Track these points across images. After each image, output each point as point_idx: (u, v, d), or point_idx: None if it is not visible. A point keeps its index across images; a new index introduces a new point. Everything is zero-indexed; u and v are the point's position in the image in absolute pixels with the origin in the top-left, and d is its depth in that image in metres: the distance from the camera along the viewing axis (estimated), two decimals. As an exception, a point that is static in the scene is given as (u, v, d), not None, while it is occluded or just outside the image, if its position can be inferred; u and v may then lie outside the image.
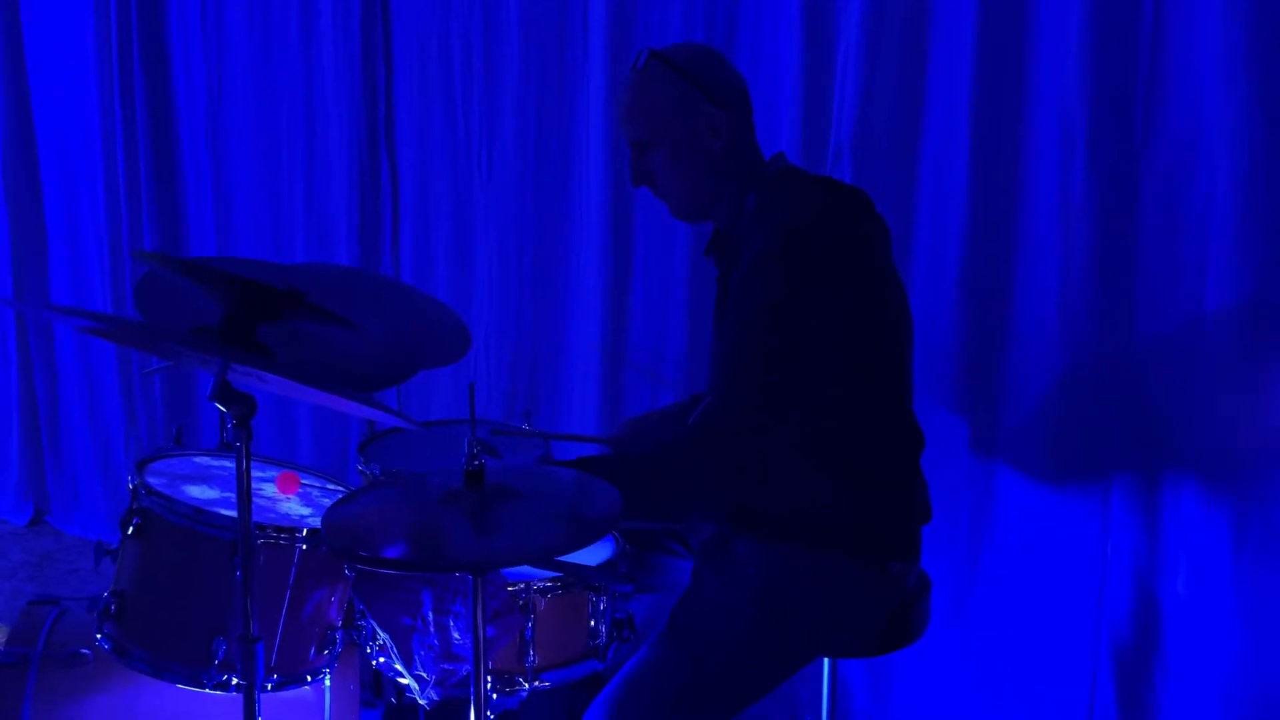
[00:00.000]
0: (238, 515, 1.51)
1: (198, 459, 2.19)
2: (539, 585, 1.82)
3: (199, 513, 1.82)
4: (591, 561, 1.89)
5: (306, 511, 2.03)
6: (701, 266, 2.56)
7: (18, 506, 4.11)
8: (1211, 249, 2.12)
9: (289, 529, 1.85)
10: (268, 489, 2.08)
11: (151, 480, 1.94)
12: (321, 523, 1.52)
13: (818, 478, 1.80)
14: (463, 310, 2.27)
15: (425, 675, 1.71)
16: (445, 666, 1.70)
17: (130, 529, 1.85)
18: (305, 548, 1.85)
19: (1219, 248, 2.10)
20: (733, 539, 1.86)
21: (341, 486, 2.17)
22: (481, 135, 3.08)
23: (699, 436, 1.71)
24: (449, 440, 2.29)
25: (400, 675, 1.76)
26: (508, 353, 3.11)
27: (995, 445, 2.40)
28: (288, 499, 2.06)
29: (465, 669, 1.69)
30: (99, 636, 1.86)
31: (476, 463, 1.51)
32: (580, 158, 2.92)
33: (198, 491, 1.98)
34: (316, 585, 1.87)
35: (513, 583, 1.78)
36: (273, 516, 1.96)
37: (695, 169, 1.84)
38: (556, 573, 1.80)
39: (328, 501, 2.01)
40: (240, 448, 1.48)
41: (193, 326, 1.60)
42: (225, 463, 2.18)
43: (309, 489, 2.13)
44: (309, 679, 1.90)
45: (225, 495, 1.98)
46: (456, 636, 1.69)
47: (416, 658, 1.70)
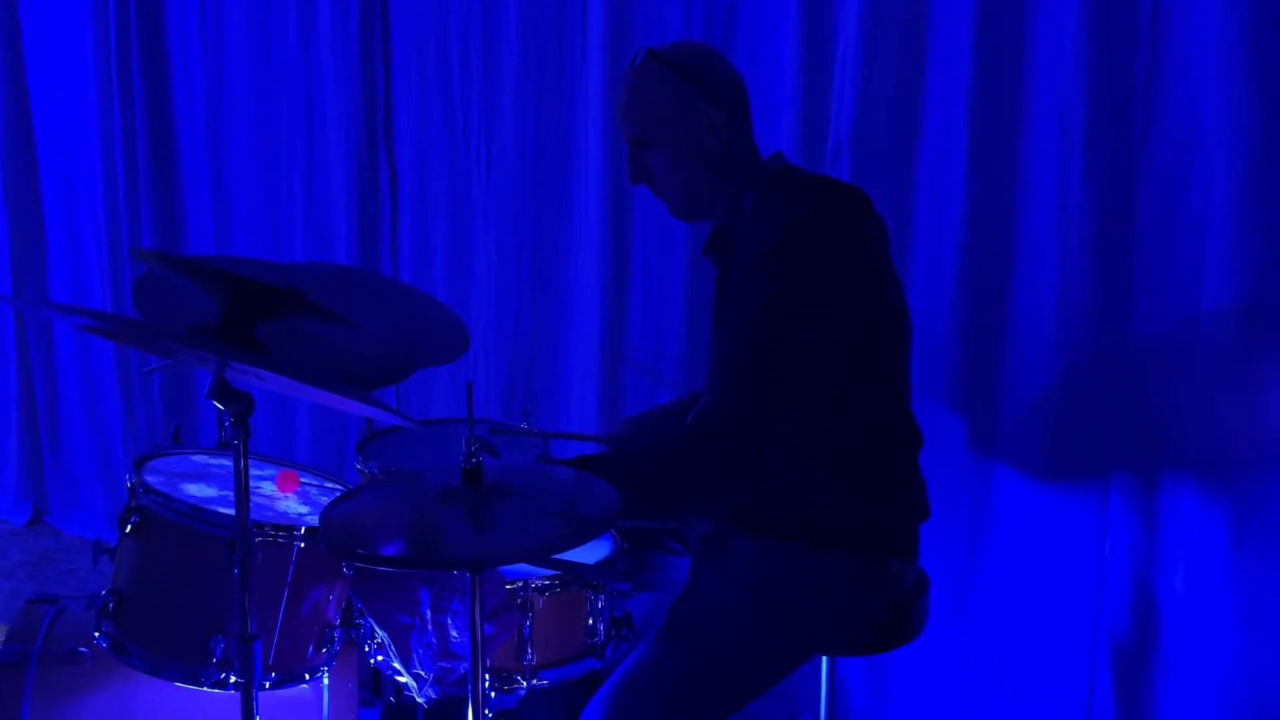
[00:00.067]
0: (236, 513, 1.51)
1: (196, 457, 2.19)
2: (537, 583, 1.81)
3: (197, 511, 1.82)
4: (589, 559, 1.89)
5: (305, 510, 2.03)
6: (700, 265, 2.56)
7: (17, 506, 4.12)
8: (1209, 248, 2.12)
9: (287, 527, 1.85)
10: (266, 487, 2.08)
11: (149, 478, 1.93)
12: (319, 520, 1.52)
13: (816, 477, 1.80)
14: (461, 309, 2.27)
15: (423, 673, 1.71)
16: (443, 664, 1.70)
17: (128, 527, 1.84)
18: (303, 546, 1.84)
19: (1217, 247, 2.11)
20: (731, 537, 1.86)
21: (340, 485, 2.17)
22: (480, 134, 3.08)
23: (698, 436, 1.71)
24: (448, 439, 2.29)
25: (398, 673, 1.76)
26: (506, 351, 3.11)
27: (994, 444, 2.40)
28: (286, 497, 2.06)
29: (463, 667, 1.69)
30: (97, 635, 1.86)
31: (474, 460, 1.51)
32: (579, 157, 2.92)
33: (196, 490, 1.97)
34: (314, 583, 1.87)
35: (511, 581, 1.78)
36: (271, 515, 1.96)
37: (693, 167, 1.84)
38: (554, 571, 1.80)
39: (326, 500, 2.00)
40: (238, 445, 1.48)
41: (191, 325, 1.60)
42: (223, 461, 2.18)
43: (307, 487, 2.13)
44: (307, 677, 1.90)
45: (223, 493, 1.98)
46: (454, 634, 1.69)
47: (414, 656, 1.70)
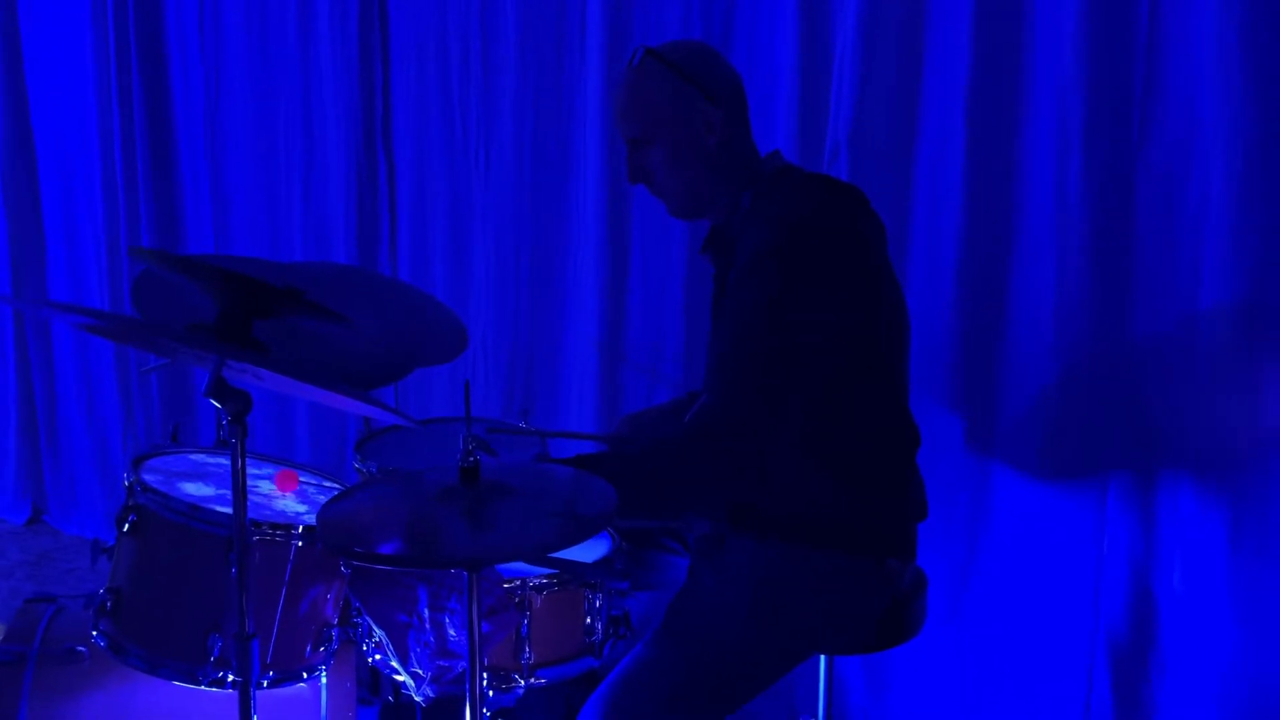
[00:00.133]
0: (233, 512, 1.51)
1: (194, 456, 2.18)
2: (535, 582, 1.82)
3: (194, 509, 1.82)
4: (587, 558, 1.89)
5: (302, 509, 2.03)
6: (698, 264, 2.57)
7: (15, 505, 4.11)
8: (1207, 248, 2.12)
9: (284, 526, 1.85)
10: (264, 486, 2.08)
11: (147, 477, 1.93)
12: (317, 519, 1.52)
13: (815, 476, 1.80)
14: (460, 308, 2.28)
15: (421, 672, 1.71)
16: (441, 663, 1.70)
17: (126, 526, 1.84)
18: (301, 544, 1.84)
19: (1214, 247, 2.11)
20: (730, 537, 1.86)
21: (338, 484, 2.17)
22: (479, 135, 3.08)
23: (697, 435, 1.70)
24: (446, 438, 2.29)
25: (396, 672, 1.76)
26: (505, 351, 3.11)
27: (992, 443, 2.41)
28: (284, 496, 2.06)
29: (461, 666, 1.69)
30: (95, 634, 1.86)
31: (472, 459, 1.51)
32: (578, 157, 2.92)
33: (193, 488, 1.97)
34: (312, 582, 1.87)
35: (508, 579, 1.78)
36: (268, 513, 1.96)
37: (692, 167, 1.84)
38: (552, 569, 1.80)
39: (324, 499, 2.00)
40: (235, 444, 1.48)
41: (189, 324, 1.60)
42: (221, 460, 2.17)
43: (305, 486, 2.13)
44: (305, 676, 1.90)
45: (221, 492, 1.98)
46: (452, 633, 1.69)
47: (412, 654, 1.70)
